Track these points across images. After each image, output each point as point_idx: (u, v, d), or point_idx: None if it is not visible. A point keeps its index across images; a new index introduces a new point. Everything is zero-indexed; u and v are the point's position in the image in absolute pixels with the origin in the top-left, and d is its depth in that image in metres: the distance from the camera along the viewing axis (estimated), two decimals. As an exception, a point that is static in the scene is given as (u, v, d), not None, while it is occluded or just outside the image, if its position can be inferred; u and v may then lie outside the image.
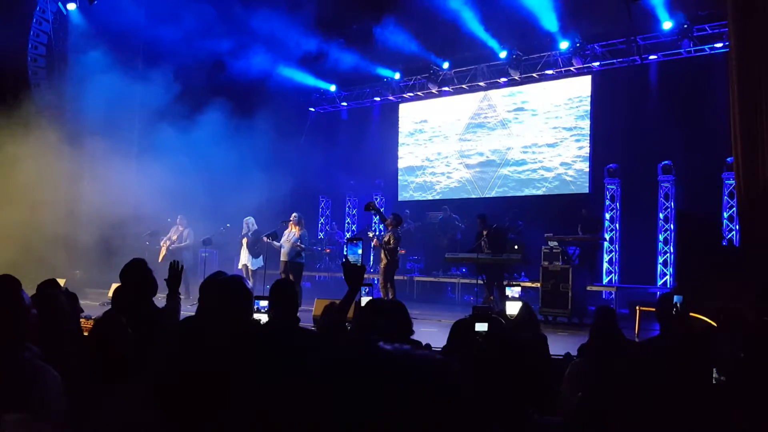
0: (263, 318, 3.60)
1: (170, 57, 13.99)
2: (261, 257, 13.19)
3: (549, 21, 14.76)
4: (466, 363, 2.66)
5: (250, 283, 3.46)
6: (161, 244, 14.52)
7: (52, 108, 13.16)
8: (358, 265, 3.53)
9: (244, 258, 13.22)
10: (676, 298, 5.24)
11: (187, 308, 5.17)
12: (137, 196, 13.64)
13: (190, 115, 14.00)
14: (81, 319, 5.25)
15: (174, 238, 14.35)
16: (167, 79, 13.84)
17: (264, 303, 3.62)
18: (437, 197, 17.96)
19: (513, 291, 4.30)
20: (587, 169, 15.27)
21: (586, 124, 15.40)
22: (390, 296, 11.42)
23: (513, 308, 4.19)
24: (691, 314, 5.87)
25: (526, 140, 16.38)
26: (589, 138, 15.32)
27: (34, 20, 13.80)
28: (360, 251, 3.60)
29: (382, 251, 11.76)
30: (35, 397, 2.56)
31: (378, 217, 12.02)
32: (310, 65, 18.11)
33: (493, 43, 15.78)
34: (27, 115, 12.87)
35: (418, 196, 18.49)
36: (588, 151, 15.29)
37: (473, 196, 17.17)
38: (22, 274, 5.35)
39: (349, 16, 16.24)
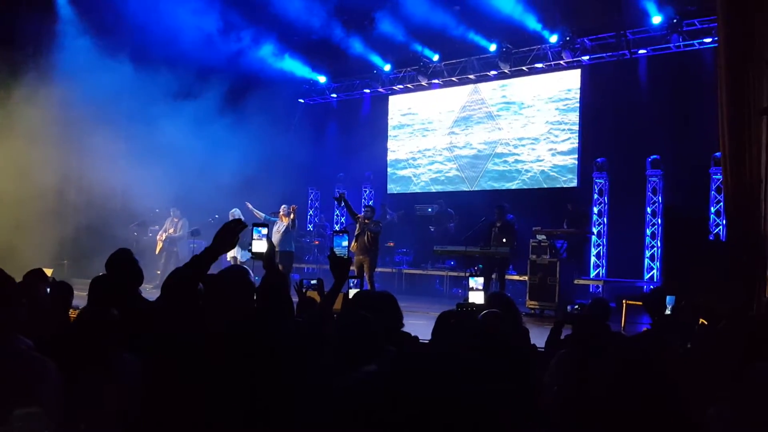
0: (263, 246, 3.53)
1: (159, 47, 13.89)
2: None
3: (539, 14, 14.77)
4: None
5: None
6: (158, 237, 14.64)
7: (40, 97, 13.05)
8: (344, 257, 3.54)
9: (233, 250, 13.23)
10: (668, 299, 5.25)
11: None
12: (125, 187, 13.58)
13: (179, 105, 13.93)
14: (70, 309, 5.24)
15: (171, 231, 14.46)
16: (155, 69, 13.75)
17: (264, 231, 3.57)
18: (426, 190, 17.97)
19: (476, 282, 4.32)
20: (575, 163, 15.31)
21: (575, 117, 15.42)
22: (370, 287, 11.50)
23: (475, 298, 4.22)
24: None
25: (515, 133, 16.40)
26: (577, 132, 15.35)
27: (23, 8, 13.71)
28: (345, 243, 3.60)
29: (366, 241, 11.80)
30: (39, 390, 2.56)
31: (346, 209, 12.12)
32: (300, 56, 18.07)
33: (482, 36, 15.78)
34: (14, 104, 12.78)
35: (408, 188, 18.49)
36: (576, 145, 15.32)
37: (463, 189, 17.19)
38: (9, 264, 5.34)
39: (340, 8, 16.18)
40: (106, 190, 13.53)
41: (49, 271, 6.41)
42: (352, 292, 4.45)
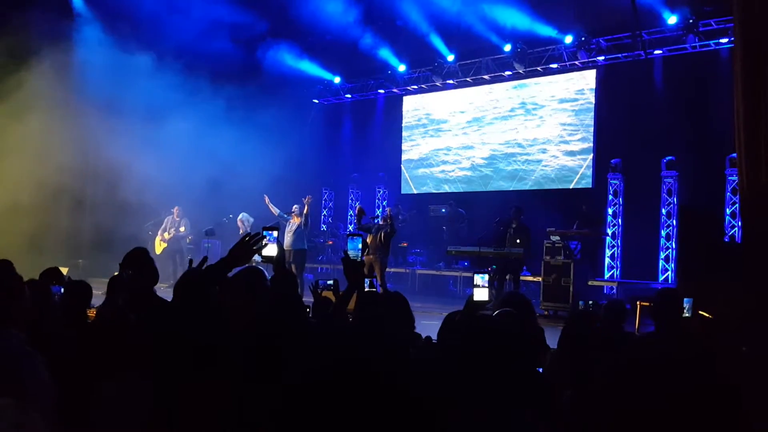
0: (273, 249, 3.55)
1: (174, 47, 13.97)
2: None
3: (554, 14, 14.73)
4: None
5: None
6: (158, 237, 14.65)
7: (55, 92, 13.10)
8: (358, 260, 3.55)
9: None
10: (685, 300, 5.21)
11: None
12: (140, 186, 13.63)
13: (193, 105, 13.98)
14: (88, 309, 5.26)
15: (174, 231, 14.47)
16: (170, 69, 13.81)
17: (275, 234, 3.59)
18: (440, 190, 17.96)
19: (482, 279, 4.28)
20: (590, 164, 15.25)
21: (589, 118, 15.37)
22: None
23: (480, 295, 4.20)
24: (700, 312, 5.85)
25: (529, 134, 16.36)
26: (592, 132, 15.29)
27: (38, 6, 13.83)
28: (360, 246, 3.61)
29: (378, 243, 11.81)
30: (23, 384, 2.56)
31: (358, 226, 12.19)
32: (315, 57, 18.10)
33: (497, 36, 15.74)
34: (29, 98, 12.83)
35: (421, 188, 18.48)
36: (591, 146, 15.27)
37: (476, 190, 17.16)
38: (25, 263, 5.40)
39: (355, 8, 16.18)
40: (121, 189, 13.61)
41: (64, 270, 6.45)
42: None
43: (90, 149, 13.84)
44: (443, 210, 16.79)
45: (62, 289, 4.89)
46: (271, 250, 3.49)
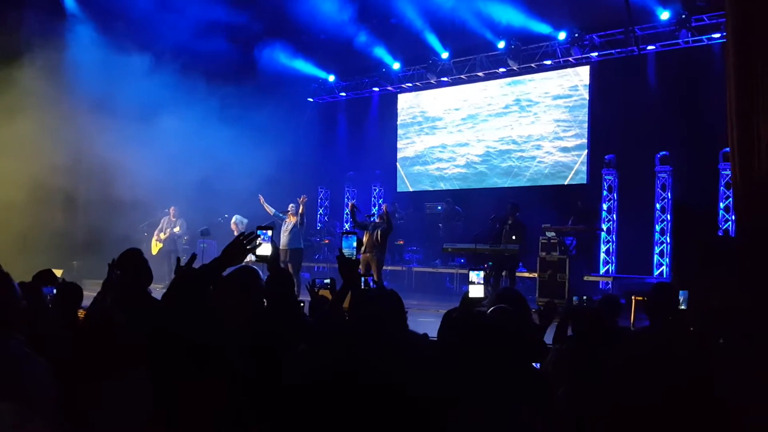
0: (267, 249, 3.57)
1: (167, 45, 13.92)
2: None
3: (547, 11, 14.74)
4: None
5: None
6: (154, 238, 14.62)
7: (47, 91, 13.05)
8: (353, 258, 3.56)
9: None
10: (681, 293, 5.21)
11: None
12: (133, 186, 13.58)
13: (187, 103, 13.92)
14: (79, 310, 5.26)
15: (173, 230, 14.43)
16: (163, 66, 13.77)
17: (269, 233, 3.60)
18: (436, 187, 17.98)
19: (477, 276, 4.28)
20: (585, 160, 15.28)
21: (583, 114, 15.40)
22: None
23: (476, 292, 4.22)
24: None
25: (524, 130, 16.38)
26: (587, 128, 15.32)
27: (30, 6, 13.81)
28: (355, 244, 3.62)
29: (375, 241, 11.80)
30: (23, 386, 2.56)
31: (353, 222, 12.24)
32: (309, 55, 18.08)
33: (491, 33, 15.75)
34: (22, 97, 12.78)
35: (417, 186, 18.49)
36: (586, 142, 15.30)
37: (472, 187, 17.19)
38: (19, 264, 5.39)
39: (349, 7, 16.17)
40: (114, 189, 13.56)
41: (58, 272, 6.43)
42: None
43: (83, 149, 13.77)
44: (439, 207, 16.81)
45: (54, 291, 4.88)
46: (265, 249, 3.50)
